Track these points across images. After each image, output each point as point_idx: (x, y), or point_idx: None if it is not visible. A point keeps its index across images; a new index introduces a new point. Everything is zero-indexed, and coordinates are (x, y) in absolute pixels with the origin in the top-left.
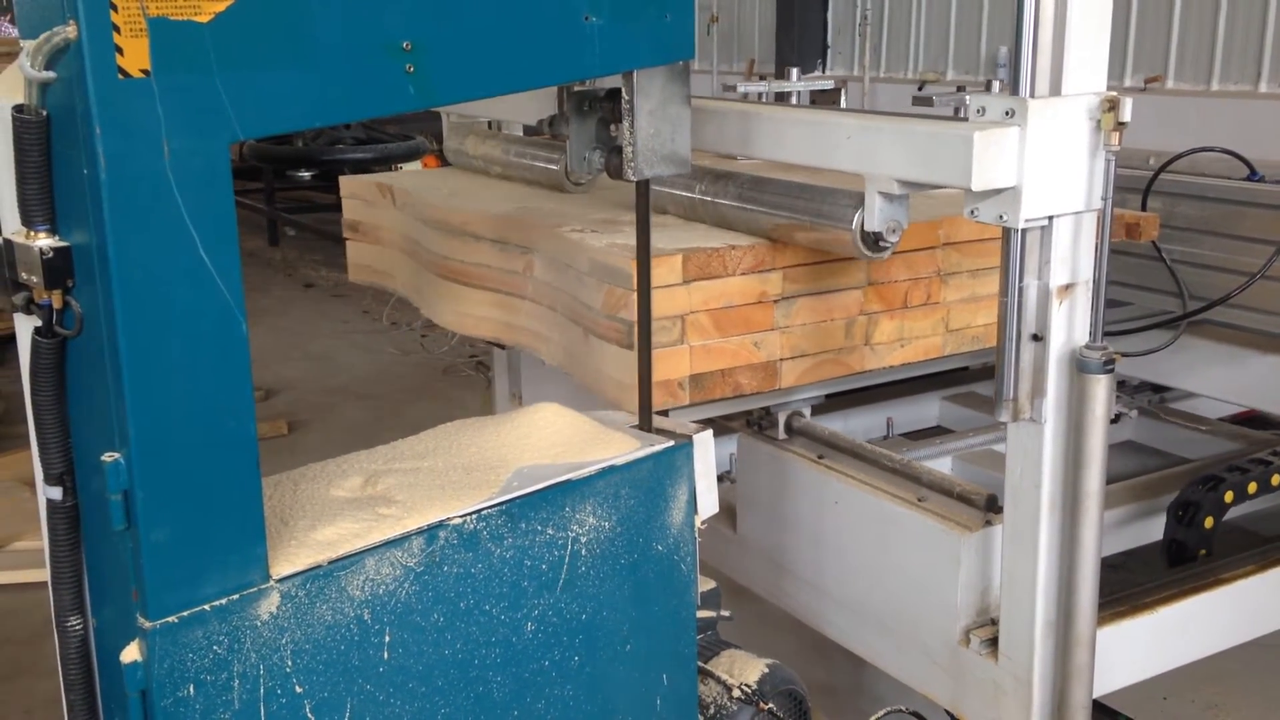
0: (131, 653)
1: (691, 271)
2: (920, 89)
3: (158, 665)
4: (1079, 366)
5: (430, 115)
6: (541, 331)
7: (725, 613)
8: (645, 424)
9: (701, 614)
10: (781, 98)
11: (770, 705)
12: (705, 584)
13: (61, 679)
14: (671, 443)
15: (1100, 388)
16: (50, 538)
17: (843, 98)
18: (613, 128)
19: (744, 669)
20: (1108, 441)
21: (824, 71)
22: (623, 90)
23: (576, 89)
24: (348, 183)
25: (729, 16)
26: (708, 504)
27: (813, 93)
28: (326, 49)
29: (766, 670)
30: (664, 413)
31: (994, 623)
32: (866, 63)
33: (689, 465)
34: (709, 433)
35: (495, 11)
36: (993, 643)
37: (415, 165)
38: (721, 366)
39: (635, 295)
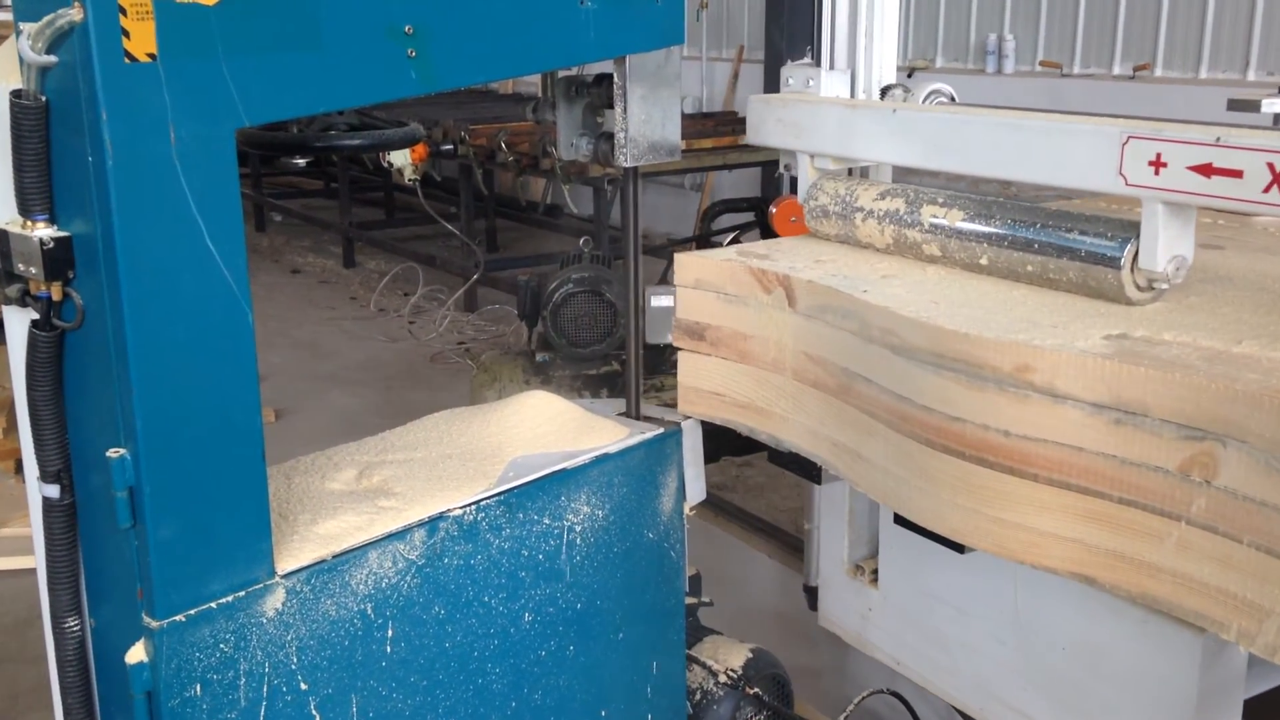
0: (137, 653)
1: None
2: (910, 75)
3: (165, 665)
4: None
5: (418, 101)
6: (1236, 594)
7: (706, 599)
8: (634, 411)
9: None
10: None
11: (756, 689)
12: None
13: (58, 681)
14: (661, 429)
15: None
16: (47, 536)
17: None
18: (601, 114)
19: (728, 654)
20: None
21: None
22: (614, 76)
23: (563, 74)
24: (689, 262)
25: (718, 2)
26: (695, 491)
27: None
28: (331, 34)
29: (750, 655)
30: None
31: None
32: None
33: (678, 452)
34: (695, 420)
35: None
36: None
37: (407, 153)
38: None
39: None
